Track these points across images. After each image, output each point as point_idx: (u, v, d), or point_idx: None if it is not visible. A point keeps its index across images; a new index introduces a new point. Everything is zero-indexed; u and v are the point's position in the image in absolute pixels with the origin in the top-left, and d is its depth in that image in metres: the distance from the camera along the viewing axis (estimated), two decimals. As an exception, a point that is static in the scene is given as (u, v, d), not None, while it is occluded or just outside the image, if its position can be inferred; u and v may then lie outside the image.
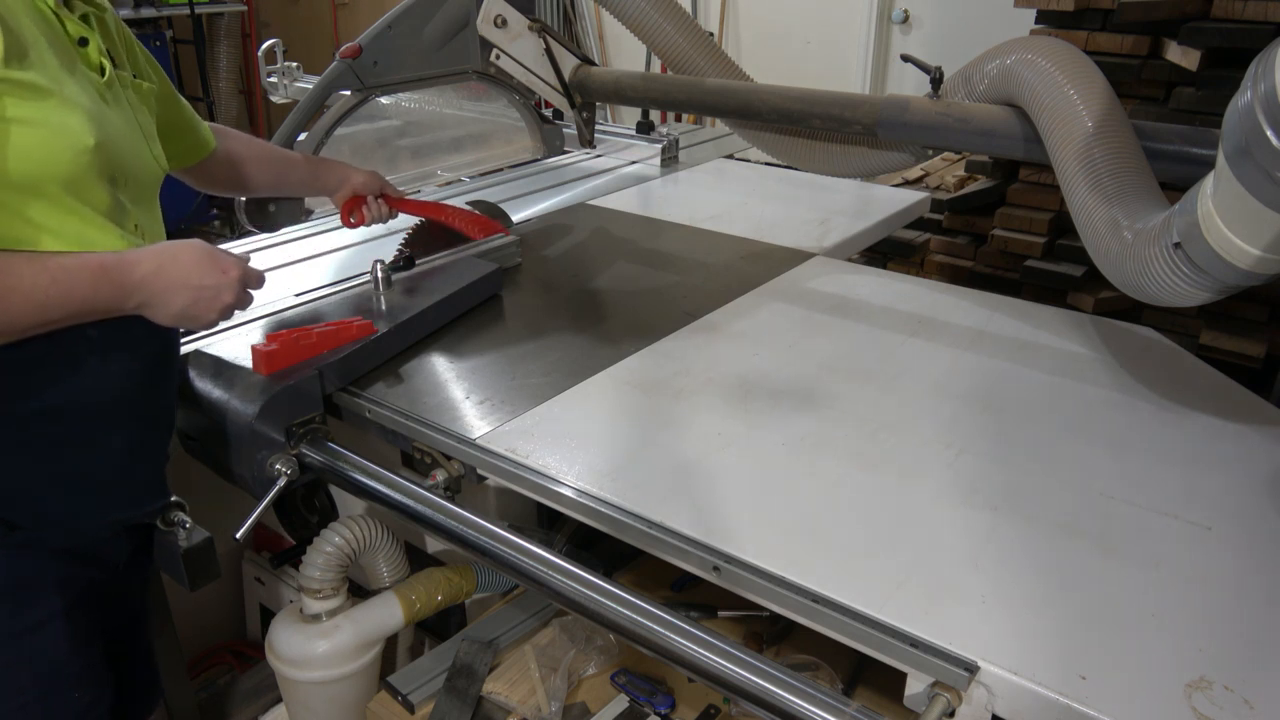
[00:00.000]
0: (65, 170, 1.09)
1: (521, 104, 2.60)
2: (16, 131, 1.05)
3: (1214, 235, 1.09)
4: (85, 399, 1.19)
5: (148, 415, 1.29)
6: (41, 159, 1.07)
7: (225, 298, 1.24)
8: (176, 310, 1.20)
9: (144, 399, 1.27)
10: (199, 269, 1.20)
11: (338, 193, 1.79)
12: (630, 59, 5.79)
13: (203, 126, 1.53)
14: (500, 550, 1.22)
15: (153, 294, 1.17)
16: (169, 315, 1.20)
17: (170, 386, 1.37)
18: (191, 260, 1.20)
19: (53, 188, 1.09)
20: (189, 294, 1.20)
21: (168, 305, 1.19)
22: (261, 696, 2.05)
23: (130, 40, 1.34)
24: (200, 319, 1.24)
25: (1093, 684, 0.93)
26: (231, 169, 1.62)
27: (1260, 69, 0.93)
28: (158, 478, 1.35)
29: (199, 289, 1.20)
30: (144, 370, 1.26)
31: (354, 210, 1.79)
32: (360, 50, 2.00)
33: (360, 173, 1.80)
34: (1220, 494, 1.25)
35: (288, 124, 2.00)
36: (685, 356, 1.65)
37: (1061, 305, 2.58)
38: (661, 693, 1.44)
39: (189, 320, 1.23)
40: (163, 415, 1.34)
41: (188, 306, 1.20)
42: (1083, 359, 1.65)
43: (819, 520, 1.19)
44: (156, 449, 1.34)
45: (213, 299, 1.23)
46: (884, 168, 1.98)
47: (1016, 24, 2.95)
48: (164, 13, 5.39)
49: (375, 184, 1.80)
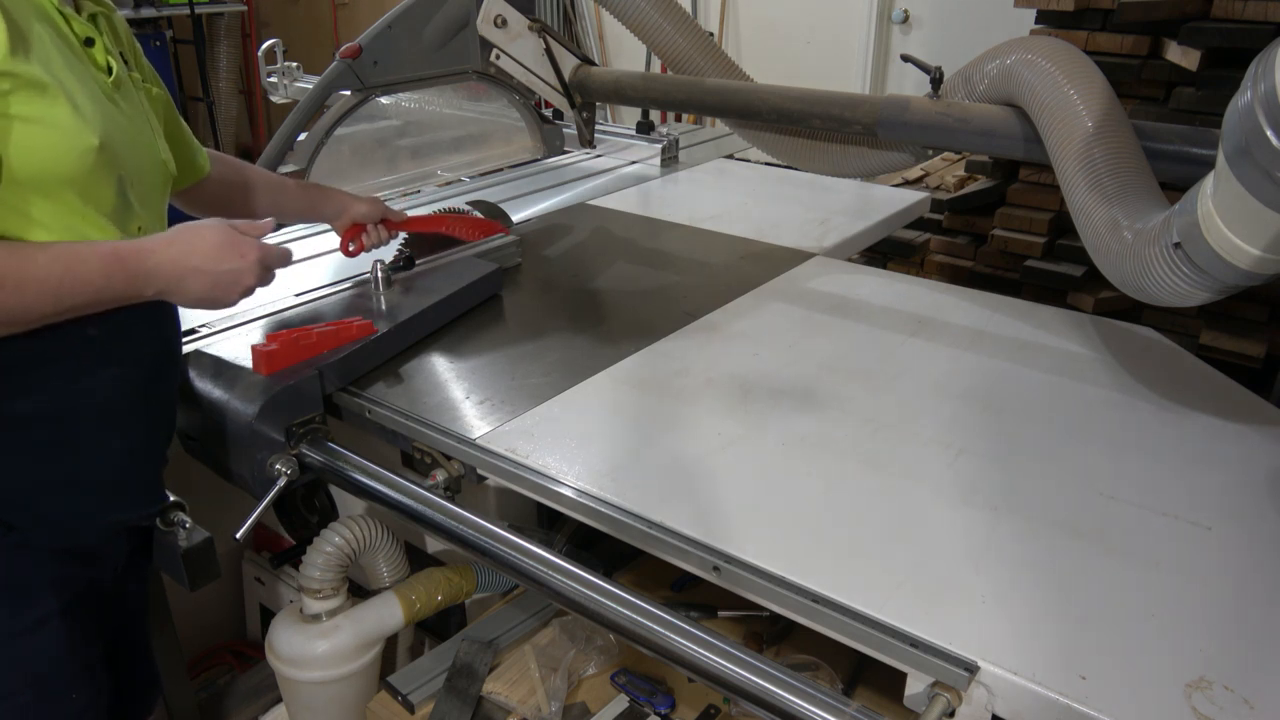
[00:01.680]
0: (69, 169, 1.09)
1: (521, 104, 2.60)
2: (20, 129, 1.05)
3: (1214, 235, 1.09)
4: (85, 400, 1.19)
5: (147, 417, 1.29)
6: (46, 157, 1.07)
7: (246, 280, 1.25)
8: (198, 295, 1.21)
9: (144, 401, 1.27)
10: (217, 253, 1.21)
11: (337, 221, 1.75)
12: (630, 59, 5.79)
13: (200, 149, 1.52)
14: (500, 550, 1.22)
15: (170, 280, 1.18)
16: (190, 300, 1.22)
17: (170, 389, 1.37)
18: (209, 245, 1.20)
19: (56, 186, 1.09)
20: (208, 279, 1.21)
21: (188, 291, 1.20)
22: (261, 696, 2.05)
23: (138, 49, 1.34)
24: (221, 302, 1.25)
25: (1093, 684, 0.93)
26: (225, 195, 1.59)
27: (1260, 69, 0.93)
28: (156, 480, 1.35)
29: (218, 274, 1.21)
30: (144, 372, 1.26)
31: (354, 238, 1.76)
32: (360, 50, 2.00)
33: (361, 202, 1.76)
34: (1220, 494, 1.25)
35: (288, 124, 2.00)
36: (685, 356, 1.65)
37: (1061, 305, 2.58)
38: (661, 693, 1.44)
39: (211, 304, 1.24)
40: (162, 418, 1.34)
41: (209, 290, 1.22)
42: (1083, 359, 1.65)
43: (819, 520, 1.19)
44: (156, 451, 1.34)
45: (233, 283, 1.23)
46: (884, 168, 1.98)
47: (1016, 24, 2.96)
48: (164, 13, 5.40)
49: (376, 212, 1.77)
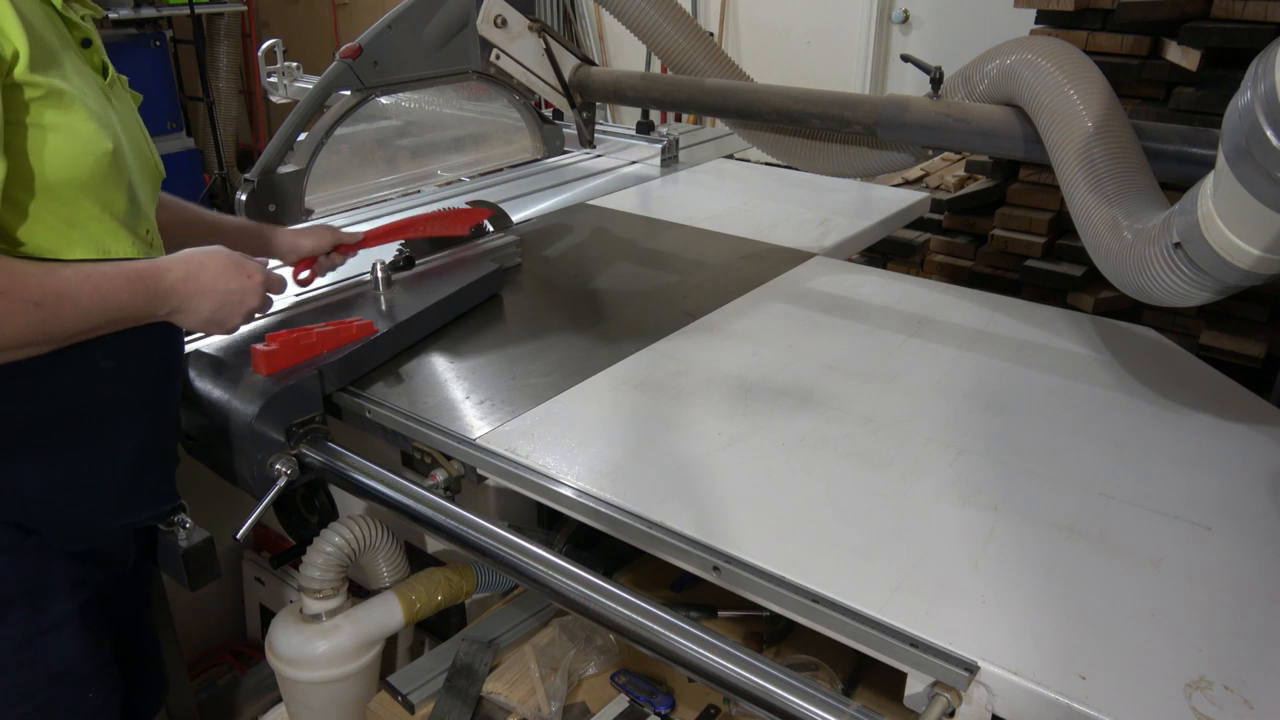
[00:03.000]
0: (87, 175, 1.11)
1: (521, 104, 2.60)
2: (38, 136, 1.06)
3: (1214, 235, 1.09)
4: (97, 403, 1.19)
5: (157, 419, 1.30)
6: (66, 164, 1.08)
7: (250, 301, 1.31)
8: (205, 315, 1.25)
9: (154, 403, 1.28)
10: (225, 274, 1.26)
11: (287, 259, 1.69)
12: (630, 59, 5.79)
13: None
14: (500, 550, 1.22)
15: (183, 299, 1.22)
16: (198, 320, 1.26)
17: (176, 390, 1.37)
18: (218, 266, 1.26)
19: (74, 193, 1.11)
20: (216, 299, 1.26)
21: (197, 311, 1.24)
22: (261, 696, 2.05)
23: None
24: (225, 323, 1.30)
25: (1093, 684, 0.93)
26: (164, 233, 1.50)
27: (1260, 69, 0.93)
28: (168, 481, 1.36)
29: (226, 294, 1.26)
30: (154, 374, 1.27)
31: (305, 268, 1.71)
32: (360, 50, 2.00)
33: (307, 236, 1.67)
34: (1220, 494, 1.25)
35: (287, 124, 2.00)
36: (685, 356, 1.65)
37: (1061, 305, 2.58)
38: (661, 693, 1.44)
39: (215, 325, 1.29)
40: (171, 419, 1.35)
41: (215, 311, 1.26)
42: (1083, 359, 1.65)
43: (819, 520, 1.19)
44: (166, 452, 1.35)
45: (238, 304, 1.29)
46: (884, 168, 1.98)
47: (1016, 24, 2.96)
48: (164, 13, 5.39)
49: (325, 243, 1.68)
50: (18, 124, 1.04)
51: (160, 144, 1.41)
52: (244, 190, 1.89)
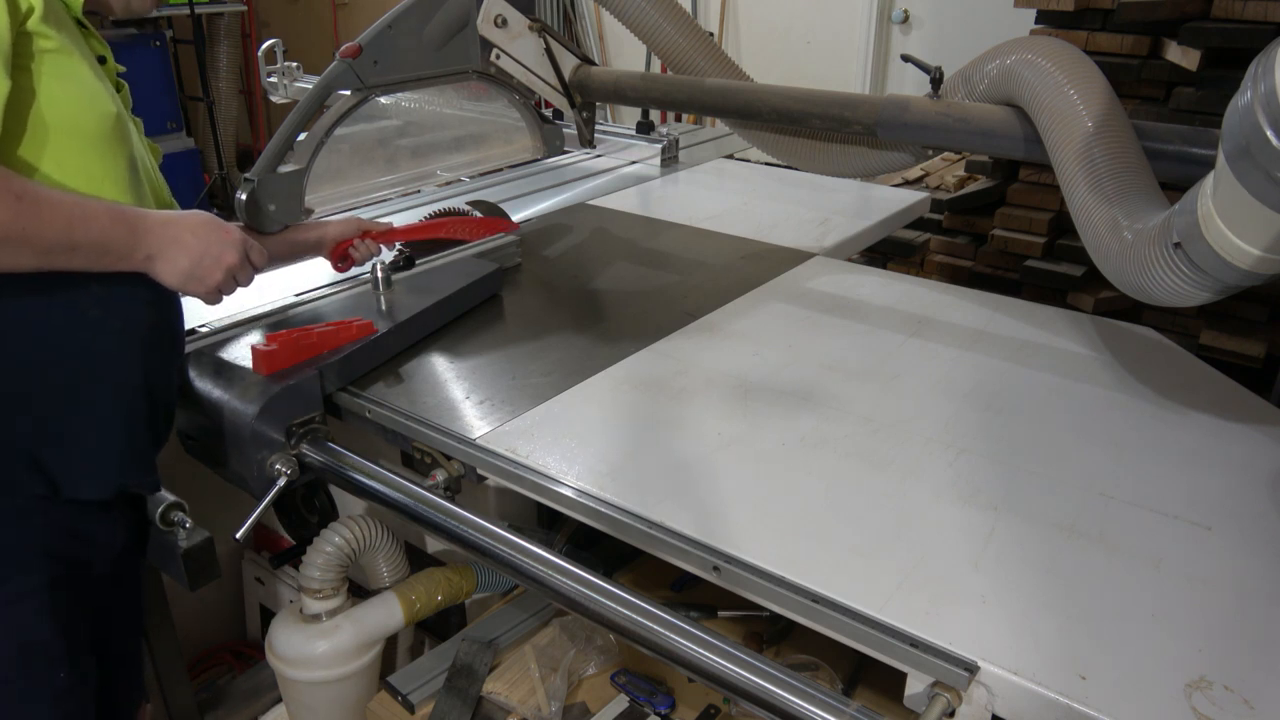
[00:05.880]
0: (93, 129, 1.15)
1: (521, 104, 2.60)
2: (50, 82, 1.10)
3: (1214, 235, 1.09)
4: (80, 353, 1.20)
5: (142, 385, 1.28)
6: (74, 111, 1.13)
7: (229, 257, 1.28)
8: (185, 268, 1.23)
9: (138, 366, 1.27)
10: (204, 229, 1.26)
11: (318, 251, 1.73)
12: (630, 59, 5.79)
13: None
14: (500, 550, 1.22)
15: (161, 244, 1.20)
16: (177, 273, 1.23)
17: (170, 360, 1.36)
18: (196, 220, 1.26)
19: (81, 143, 1.14)
20: (195, 251, 1.24)
21: (175, 260, 1.22)
22: (261, 696, 2.05)
23: None
24: (205, 280, 1.27)
25: (1093, 684, 0.93)
26: None
27: (1260, 69, 0.93)
28: (148, 452, 1.34)
29: (204, 248, 1.25)
30: (141, 334, 1.27)
31: (342, 255, 1.74)
32: (360, 50, 2.00)
33: (333, 224, 1.74)
34: (1220, 494, 1.25)
35: (287, 124, 2.00)
36: (685, 356, 1.64)
37: (1061, 305, 2.58)
38: (661, 693, 1.44)
39: (195, 282, 1.26)
40: (160, 393, 1.33)
41: (194, 265, 1.24)
42: (1083, 359, 1.65)
43: (819, 520, 1.19)
44: (152, 424, 1.32)
45: (217, 259, 1.27)
46: (884, 168, 1.98)
47: (1016, 24, 2.96)
48: (164, 13, 5.39)
49: (351, 228, 1.74)
50: (27, 69, 1.09)
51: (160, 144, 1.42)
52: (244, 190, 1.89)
